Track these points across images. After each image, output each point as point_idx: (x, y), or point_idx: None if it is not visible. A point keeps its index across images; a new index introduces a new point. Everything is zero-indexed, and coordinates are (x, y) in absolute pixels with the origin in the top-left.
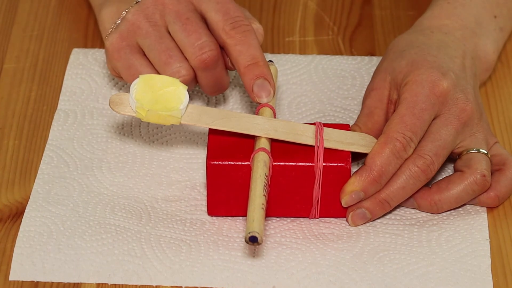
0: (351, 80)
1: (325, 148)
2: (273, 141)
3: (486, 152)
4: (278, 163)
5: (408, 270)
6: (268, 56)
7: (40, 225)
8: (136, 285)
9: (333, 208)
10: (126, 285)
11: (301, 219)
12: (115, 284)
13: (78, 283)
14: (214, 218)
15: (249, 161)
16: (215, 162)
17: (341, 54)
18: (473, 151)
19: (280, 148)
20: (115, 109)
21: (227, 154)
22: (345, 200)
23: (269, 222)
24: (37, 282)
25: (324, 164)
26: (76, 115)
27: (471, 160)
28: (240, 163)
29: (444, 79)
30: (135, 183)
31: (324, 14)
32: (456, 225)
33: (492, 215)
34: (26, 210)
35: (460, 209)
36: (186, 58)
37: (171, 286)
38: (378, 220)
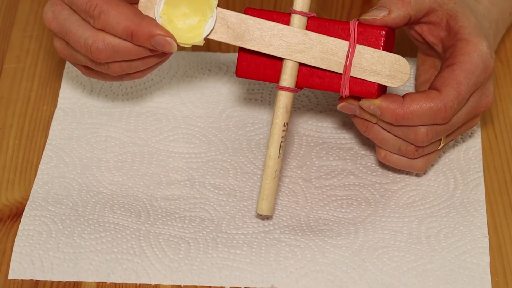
0: None
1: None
2: None
3: None
4: (303, 87)
5: (407, 268)
6: None
7: (39, 224)
8: (135, 284)
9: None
10: (125, 283)
11: (301, 216)
12: (114, 283)
13: (78, 282)
14: (213, 214)
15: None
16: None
17: None
18: None
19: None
20: (146, 13)
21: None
22: (363, 103)
23: (268, 219)
24: (37, 281)
25: (350, 94)
26: (76, 114)
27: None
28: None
29: (493, 62)
30: (134, 183)
31: (324, 14)
32: (456, 222)
33: (492, 215)
34: (25, 209)
35: (459, 205)
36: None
37: (170, 285)
38: (378, 217)
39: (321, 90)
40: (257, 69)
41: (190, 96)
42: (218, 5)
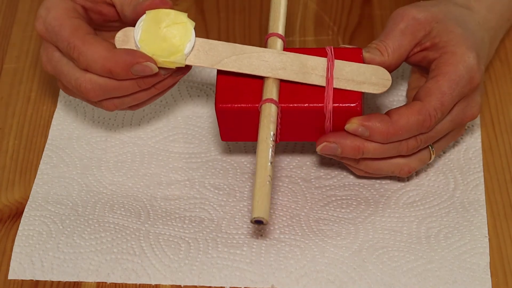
0: None
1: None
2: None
3: None
4: (286, 105)
5: (406, 268)
6: None
7: (39, 224)
8: (135, 284)
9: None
10: (125, 283)
11: (301, 216)
12: (114, 283)
13: (78, 282)
14: (213, 214)
15: (258, 104)
16: (224, 105)
17: None
18: None
19: (290, 85)
20: (121, 47)
21: (235, 95)
22: (349, 126)
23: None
24: (37, 281)
25: (334, 105)
26: (76, 114)
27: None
28: (249, 105)
29: (479, 74)
30: (134, 183)
31: (324, 14)
32: (456, 222)
33: (492, 215)
34: (25, 210)
35: (459, 205)
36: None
37: (170, 285)
38: (378, 217)
39: (305, 117)
40: (238, 96)
41: (190, 96)
42: (219, 7)
